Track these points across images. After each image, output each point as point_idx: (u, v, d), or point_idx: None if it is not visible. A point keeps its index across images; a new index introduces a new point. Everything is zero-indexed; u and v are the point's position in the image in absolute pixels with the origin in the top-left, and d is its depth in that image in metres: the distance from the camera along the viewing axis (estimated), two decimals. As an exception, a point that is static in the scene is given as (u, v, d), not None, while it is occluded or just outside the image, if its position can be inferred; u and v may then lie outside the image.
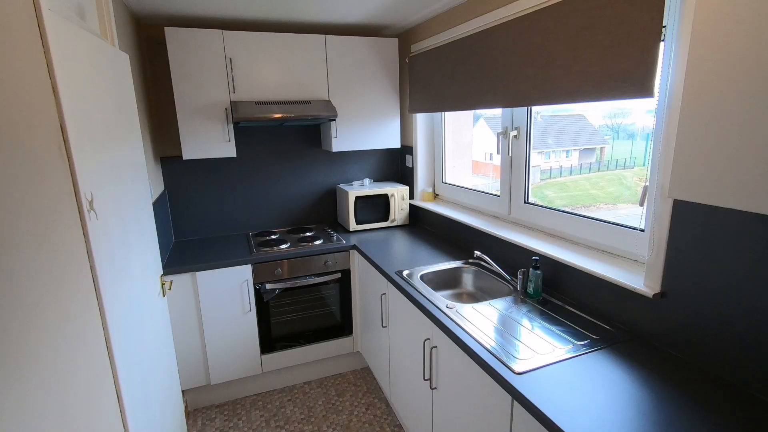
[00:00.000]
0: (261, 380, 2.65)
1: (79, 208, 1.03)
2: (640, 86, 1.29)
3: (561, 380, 1.21)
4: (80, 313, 0.98)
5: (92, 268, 1.07)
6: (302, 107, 2.51)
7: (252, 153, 2.88)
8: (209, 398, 2.55)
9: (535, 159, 2.10)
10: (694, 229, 1.25)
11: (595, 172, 2.18)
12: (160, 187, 2.56)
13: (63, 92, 0.97)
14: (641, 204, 1.38)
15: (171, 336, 1.96)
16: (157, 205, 2.32)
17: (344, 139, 2.76)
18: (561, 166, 2.27)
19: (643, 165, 1.53)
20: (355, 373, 2.83)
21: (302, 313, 2.61)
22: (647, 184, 1.37)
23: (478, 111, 2.84)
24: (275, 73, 2.52)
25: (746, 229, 1.12)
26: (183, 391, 2.46)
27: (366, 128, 2.81)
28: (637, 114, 1.73)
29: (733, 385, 1.18)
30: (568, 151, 2.28)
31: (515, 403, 1.23)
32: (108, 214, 1.24)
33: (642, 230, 1.53)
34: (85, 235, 1.05)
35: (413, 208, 3.07)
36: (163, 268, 2.23)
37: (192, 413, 2.49)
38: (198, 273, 2.29)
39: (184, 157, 2.41)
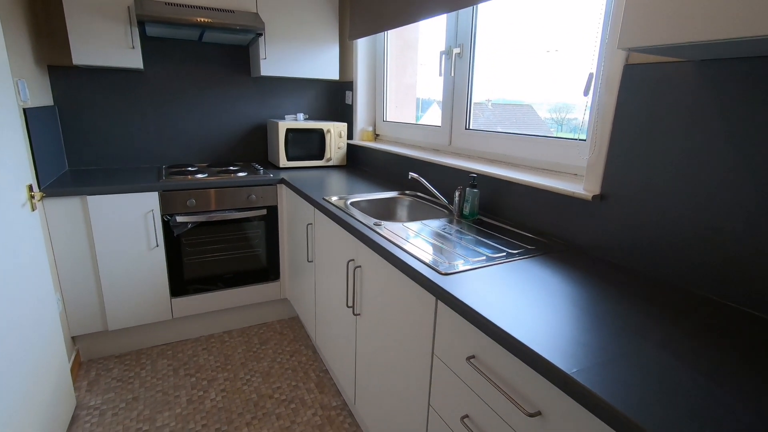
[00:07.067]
0: (172, 328, 2.35)
1: None
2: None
3: (491, 280, 1.07)
4: None
5: None
6: (224, 15, 2.18)
7: (165, 72, 2.50)
8: (108, 347, 2.22)
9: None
10: (639, 125, 1.13)
11: None
12: (46, 100, 2.14)
13: None
14: (585, 93, 1.26)
15: (45, 262, 1.61)
16: (40, 119, 1.92)
17: (274, 62, 2.46)
18: None
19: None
20: (282, 323, 2.60)
21: (222, 254, 2.33)
22: (593, 71, 1.24)
23: (431, 96, 2.67)
24: (192, -28, 2.16)
25: (696, 122, 1.02)
26: (73, 338, 2.12)
27: (300, 53, 2.52)
28: (579, 111, 1.79)
29: (670, 282, 1.09)
30: None
31: (440, 304, 1.07)
32: None
33: (584, 140, 1.42)
34: None
35: (352, 149, 2.85)
36: (44, 189, 1.85)
37: (85, 363, 2.15)
38: (89, 197, 1.93)
39: (74, 62, 2.01)
